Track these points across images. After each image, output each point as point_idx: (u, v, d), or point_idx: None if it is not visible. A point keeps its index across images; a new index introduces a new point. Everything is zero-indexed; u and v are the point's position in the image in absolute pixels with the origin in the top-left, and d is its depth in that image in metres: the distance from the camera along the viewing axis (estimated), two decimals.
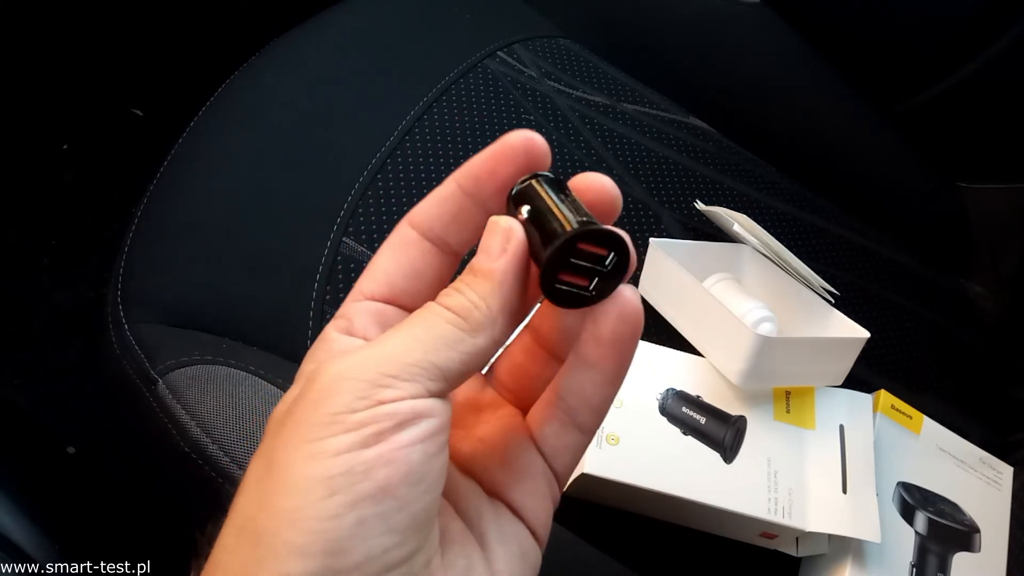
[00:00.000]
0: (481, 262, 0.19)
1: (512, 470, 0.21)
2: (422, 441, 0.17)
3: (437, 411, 0.18)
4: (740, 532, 0.42)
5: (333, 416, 0.17)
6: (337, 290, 0.44)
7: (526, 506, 0.21)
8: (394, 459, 0.17)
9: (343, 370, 0.18)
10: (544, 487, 0.21)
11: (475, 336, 0.18)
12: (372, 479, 0.16)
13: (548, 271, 0.18)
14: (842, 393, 0.44)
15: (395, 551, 0.17)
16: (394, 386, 0.17)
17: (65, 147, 0.84)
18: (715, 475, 0.40)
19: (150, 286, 0.44)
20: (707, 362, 0.44)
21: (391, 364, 0.18)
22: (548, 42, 0.61)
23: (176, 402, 0.39)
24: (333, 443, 0.17)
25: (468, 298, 0.19)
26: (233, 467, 0.37)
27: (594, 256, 0.18)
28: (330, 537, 0.16)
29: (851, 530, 0.39)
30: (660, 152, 0.58)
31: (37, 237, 0.81)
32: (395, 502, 0.17)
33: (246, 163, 0.48)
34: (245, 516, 0.17)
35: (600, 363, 0.20)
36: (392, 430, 0.17)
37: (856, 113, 0.65)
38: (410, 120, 0.52)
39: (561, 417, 0.21)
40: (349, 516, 0.16)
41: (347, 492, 0.16)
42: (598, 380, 0.20)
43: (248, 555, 0.17)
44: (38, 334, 0.76)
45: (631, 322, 0.19)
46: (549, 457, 0.22)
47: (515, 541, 0.20)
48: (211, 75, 0.54)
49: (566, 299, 0.19)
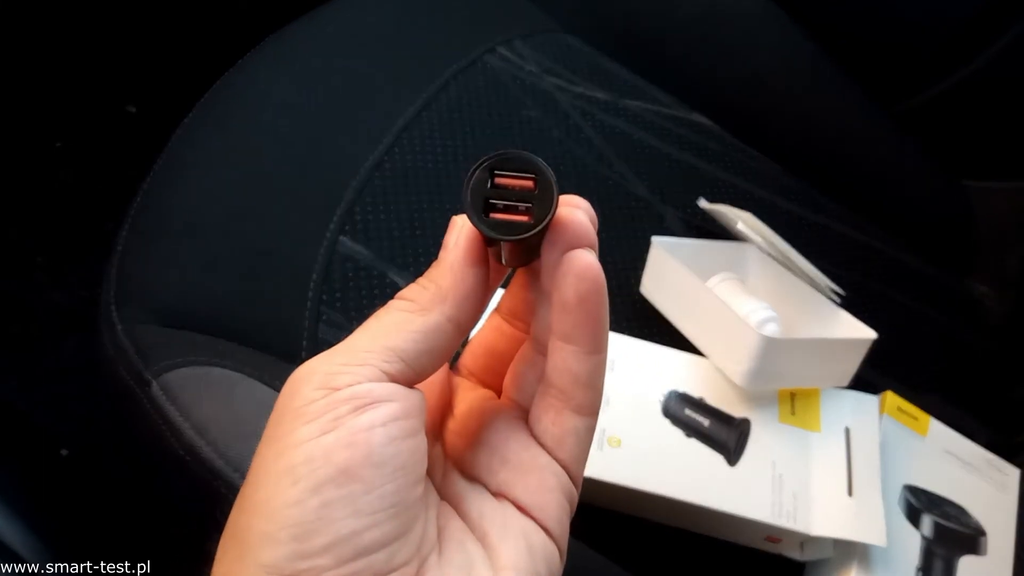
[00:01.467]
0: (440, 255, 0.21)
1: (513, 467, 0.21)
2: (383, 424, 0.18)
3: (399, 396, 0.18)
4: (744, 536, 0.42)
5: (295, 411, 0.18)
6: (334, 289, 0.44)
7: (532, 502, 0.21)
8: (353, 442, 0.17)
9: (305, 368, 0.19)
10: (550, 480, 0.21)
11: (425, 314, 0.19)
12: (332, 463, 0.17)
13: (474, 206, 0.19)
14: (848, 395, 0.44)
15: (367, 534, 0.17)
16: (347, 372, 0.18)
17: (59, 145, 0.84)
18: (719, 478, 0.39)
19: (144, 286, 0.43)
20: (710, 363, 0.43)
21: (344, 354, 0.19)
22: (549, 37, 0.60)
23: (170, 403, 0.38)
24: (295, 435, 0.17)
25: (419, 283, 0.20)
26: (228, 469, 0.37)
27: (519, 188, 0.19)
28: (295, 522, 0.17)
29: (856, 534, 0.39)
30: (663, 149, 0.58)
31: (31, 235, 0.80)
32: (359, 485, 0.17)
33: (241, 161, 0.48)
34: (231, 522, 0.18)
35: (575, 331, 0.20)
36: (349, 414, 0.18)
37: (861, 110, 0.64)
38: (408, 116, 0.51)
39: (555, 404, 0.21)
40: (312, 500, 0.17)
41: (309, 478, 0.17)
42: (579, 351, 0.20)
43: (233, 554, 0.17)
44: (33, 334, 0.76)
45: (590, 278, 0.19)
46: (553, 449, 0.22)
47: (521, 536, 0.20)
48: (205, 72, 0.53)
49: (502, 229, 0.19)
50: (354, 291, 0.44)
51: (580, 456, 0.22)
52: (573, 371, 0.21)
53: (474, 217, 0.19)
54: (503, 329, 0.24)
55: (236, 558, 0.17)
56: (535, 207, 0.19)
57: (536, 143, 0.53)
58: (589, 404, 0.21)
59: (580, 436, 0.22)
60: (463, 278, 0.20)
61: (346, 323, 0.43)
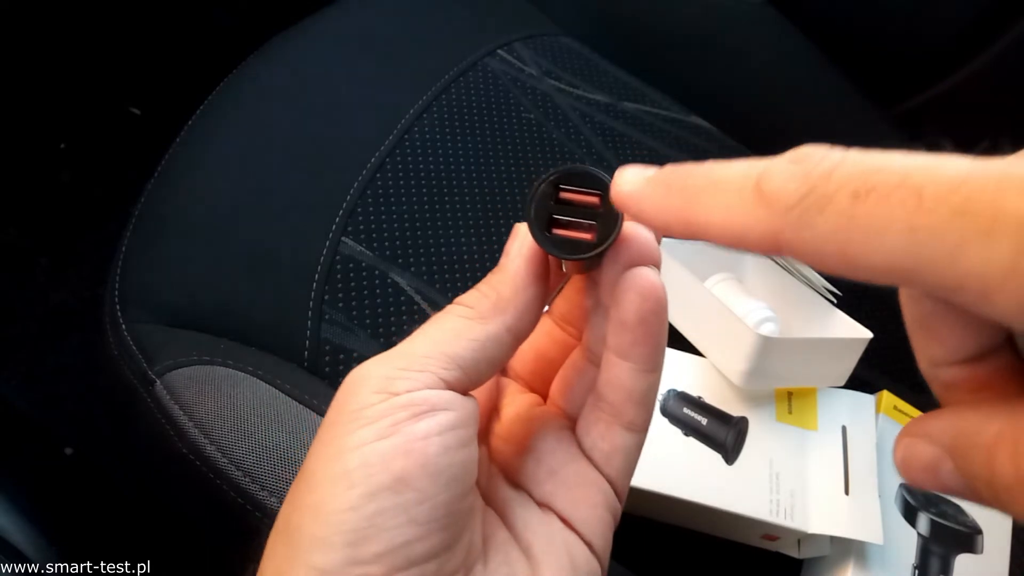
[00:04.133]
0: (501, 261, 0.20)
1: (560, 480, 0.21)
2: (439, 433, 0.17)
3: (455, 405, 0.18)
4: (742, 534, 0.42)
5: (353, 413, 0.18)
6: (336, 290, 0.44)
7: (577, 516, 0.21)
8: (410, 450, 0.17)
9: (363, 370, 0.18)
10: (596, 496, 0.21)
11: (485, 323, 0.19)
12: (389, 470, 0.17)
13: (537, 221, 0.18)
14: (844, 394, 0.44)
15: (418, 544, 0.17)
16: (406, 377, 0.18)
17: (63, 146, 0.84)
18: (716, 476, 0.40)
19: (148, 286, 0.44)
20: (708, 362, 0.44)
21: (404, 358, 0.18)
22: (549, 40, 0.61)
23: (174, 403, 0.39)
24: (352, 438, 0.17)
25: (479, 290, 0.20)
26: (231, 468, 0.37)
27: (585, 205, 0.18)
28: (350, 528, 0.16)
29: (853, 532, 0.39)
30: (661, 151, 0.58)
31: (32, 236, 0.80)
32: (415, 494, 0.17)
33: (244, 162, 0.48)
34: (282, 519, 0.18)
35: (633, 350, 0.20)
36: (407, 420, 0.17)
37: (858, 111, 0.64)
38: (410, 118, 0.52)
39: (605, 419, 0.21)
40: (368, 507, 0.16)
41: (365, 483, 0.17)
42: (635, 369, 0.20)
43: (283, 553, 0.17)
44: (36, 334, 0.76)
45: (652, 298, 0.19)
46: (601, 464, 0.21)
47: (564, 550, 0.20)
48: (209, 74, 0.53)
49: (566, 248, 0.18)
50: (356, 291, 0.44)
51: (627, 472, 0.22)
52: (627, 388, 0.20)
53: (537, 233, 0.18)
54: (554, 334, 0.23)
55: (286, 557, 0.17)
56: (599, 224, 0.18)
57: (536, 145, 0.54)
58: (641, 422, 0.21)
59: (629, 453, 0.21)
60: (524, 288, 0.19)
61: (348, 323, 0.43)
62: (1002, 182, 0.11)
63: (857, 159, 0.12)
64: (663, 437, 0.41)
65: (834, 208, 0.12)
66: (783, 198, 0.13)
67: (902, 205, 0.11)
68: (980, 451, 0.13)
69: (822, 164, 0.13)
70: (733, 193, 0.14)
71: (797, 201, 0.12)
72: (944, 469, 0.14)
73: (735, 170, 0.14)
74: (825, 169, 0.12)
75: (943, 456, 0.14)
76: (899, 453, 0.15)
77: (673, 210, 0.15)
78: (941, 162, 0.12)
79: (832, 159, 0.12)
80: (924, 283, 0.11)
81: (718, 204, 0.14)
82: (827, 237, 0.12)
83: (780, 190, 0.13)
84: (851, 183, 0.12)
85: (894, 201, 0.11)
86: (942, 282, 0.11)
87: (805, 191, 0.12)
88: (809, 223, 0.12)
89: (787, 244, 0.13)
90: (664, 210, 0.15)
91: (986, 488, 0.13)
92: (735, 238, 0.14)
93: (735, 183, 0.14)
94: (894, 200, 0.11)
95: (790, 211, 0.13)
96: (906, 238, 0.11)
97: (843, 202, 0.12)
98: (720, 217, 0.14)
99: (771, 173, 0.13)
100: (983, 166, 0.11)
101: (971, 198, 0.11)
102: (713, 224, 0.14)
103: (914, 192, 0.11)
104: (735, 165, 0.14)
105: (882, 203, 0.12)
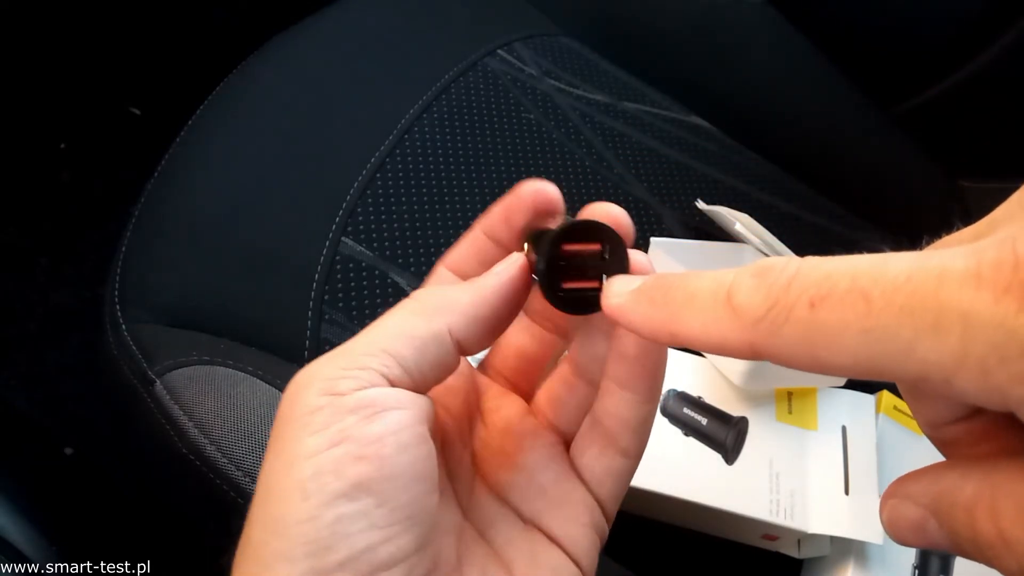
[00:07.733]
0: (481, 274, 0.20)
1: (549, 498, 0.21)
2: (393, 433, 0.17)
3: (405, 402, 0.18)
4: (742, 534, 0.42)
5: (301, 419, 0.17)
6: (336, 290, 0.44)
7: (564, 535, 0.21)
8: (364, 455, 0.17)
9: (307, 372, 0.18)
10: (584, 515, 0.21)
11: (428, 320, 0.19)
12: (344, 477, 0.16)
13: (547, 280, 0.18)
14: (844, 394, 0.44)
15: (382, 548, 0.17)
16: (350, 376, 0.17)
17: (63, 146, 0.84)
18: (716, 476, 0.40)
19: (148, 286, 0.44)
20: (708, 362, 0.44)
21: (346, 357, 0.18)
22: (548, 40, 0.61)
23: (174, 403, 0.39)
24: (304, 446, 0.17)
25: (430, 287, 0.20)
26: (231, 468, 0.37)
27: (588, 254, 0.19)
28: (310, 539, 0.16)
29: (853, 531, 0.39)
30: (661, 151, 0.58)
31: (32, 235, 0.80)
32: (372, 498, 0.17)
33: (244, 162, 0.48)
34: (245, 535, 0.18)
35: (631, 382, 0.20)
36: (357, 423, 0.17)
37: (858, 112, 0.64)
38: (409, 119, 0.52)
39: (600, 442, 0.21)
40: (326, 516, 0.16)
41: (320, 493, 0.16)
42: (632, 400, 0.20)
43: (248, 570, 0.17)
44: (35, 334, 0.76)
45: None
46: (593, 485, 0.21)
47: (548, 569, 0.20)
48: (209, 74, 0.53)
49: (578, 305, 0.19)
50: (356, 291, 0.44)
51: (617, 495, 0.22)
52: (624, 417, 0.20)
53: (549, 295, 0.19)
54: (533, 331, 0.23)
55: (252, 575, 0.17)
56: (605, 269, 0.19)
57: (536, 145, 0.54)
58: (636, 449, 0.21)
59: (621, 477, 0.21)
60: (486, 304, 0.19)
61: (348, 323, 0.43)
62: (942, 277, 0.12)
63: (811, 267, 0.13)
64: (663, 437, 0.41)
65: (795, 317, 0.13)
66: (751, 311, 0.14)
67: (853, 309, 0.12)
68: (960, 511, 0.14)
69: (781, 276, 0.14)
70: (708, 307, 0.15)
71: (764, 314, 0.13)
72: (930, 528, 0.15)
73: (707, 283, 0.15)
74: (784, 281, 0.13)
75: (927, 516, 0.15)
76: (885, 514, 0.16)
77: (659, 323, 0.16)
78: (886, 261, 0.12)
79: (789, 271, 0.13)
80: (891, 375, 0.12)
81: (696, 318, 0.15)
82: (795, 343, 0.13)
83: (747, 304, 0.14)
84: (807, 292, 0.13)
85: (847, 306, 0.12)
86: (905, 374, 0.12)
87: (770, 304, 0.13)
88: (777, 332, 0.13)
89: (763, 351, 0.14)
90: (651, 323, 0.16)
91: (971, 546, 0.14)
92: (717, 348, 0.15)
93: (709, 297, 0.15)
94: (846, 305, 0.12)
95: (759, 323, 0.14)
96: (862, 338, 0.12)
97: (802, 311, 0.13)
98: (700, 330, 0.15)
99: (738, 287, 0.14)
100: (924, 262, 0.12)
101: (915, 295, 0.12)
102: (695, 337, 0.15)
103: (862, 296, 0.12)
104: (706, 277, 0.15)
105: (836, 309, 0.13)
